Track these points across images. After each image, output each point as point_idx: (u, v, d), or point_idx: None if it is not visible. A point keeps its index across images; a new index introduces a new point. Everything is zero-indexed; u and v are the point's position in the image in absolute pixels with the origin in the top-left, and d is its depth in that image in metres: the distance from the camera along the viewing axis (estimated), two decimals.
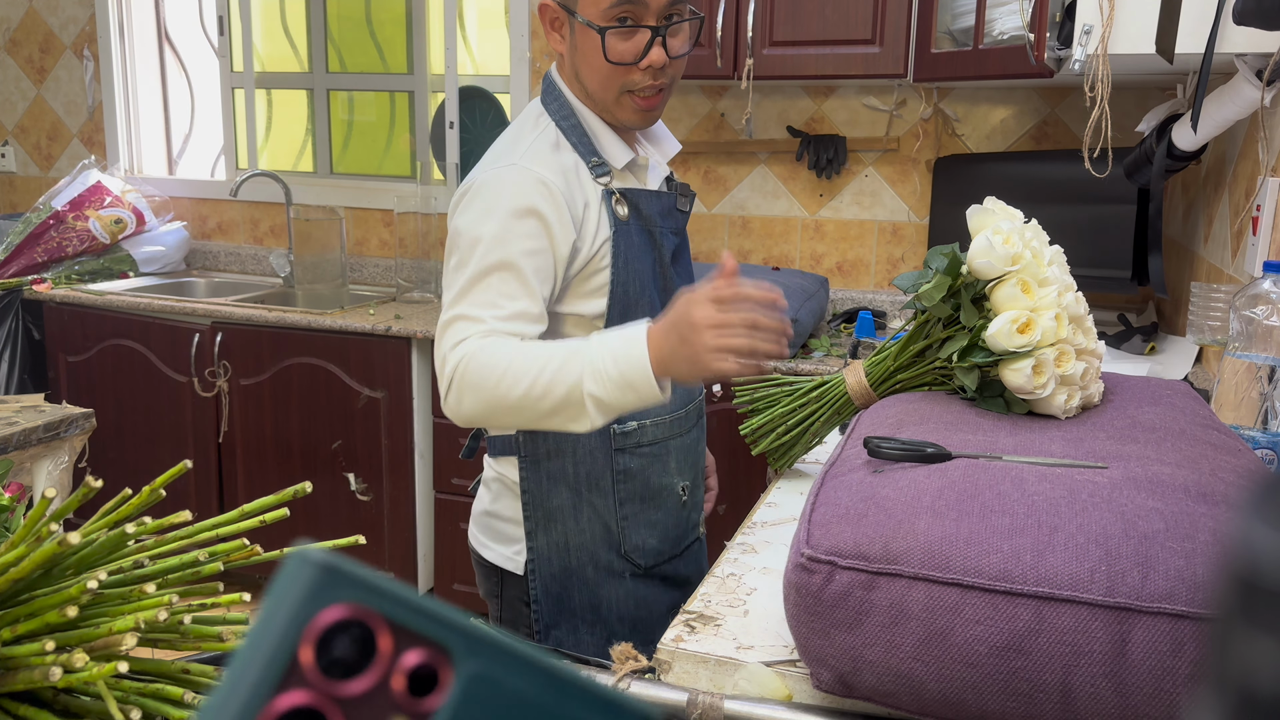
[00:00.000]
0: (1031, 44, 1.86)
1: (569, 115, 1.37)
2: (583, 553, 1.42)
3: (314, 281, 3.30)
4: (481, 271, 1.25)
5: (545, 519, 1.41)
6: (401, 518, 2.91)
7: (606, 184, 1.35)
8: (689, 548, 1.52)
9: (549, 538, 1.42)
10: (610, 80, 1.31)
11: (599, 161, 1.35)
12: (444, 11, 3.29)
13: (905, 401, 1.11)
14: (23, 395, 2.20)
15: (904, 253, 2.93)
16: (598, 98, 1.34)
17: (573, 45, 1.33)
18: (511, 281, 1.25)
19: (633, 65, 1.29)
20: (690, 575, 1.51)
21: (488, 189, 1.29)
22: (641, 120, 1.36)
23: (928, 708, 0.74)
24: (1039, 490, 0.78)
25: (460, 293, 1.26)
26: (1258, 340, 1.18)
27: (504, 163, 1.32)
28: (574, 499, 1.40)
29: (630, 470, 1.40)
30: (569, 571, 1.42)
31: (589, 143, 1.36)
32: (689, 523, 1.51)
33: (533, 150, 1.33)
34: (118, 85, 3.74)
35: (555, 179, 1.29)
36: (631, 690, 0.84)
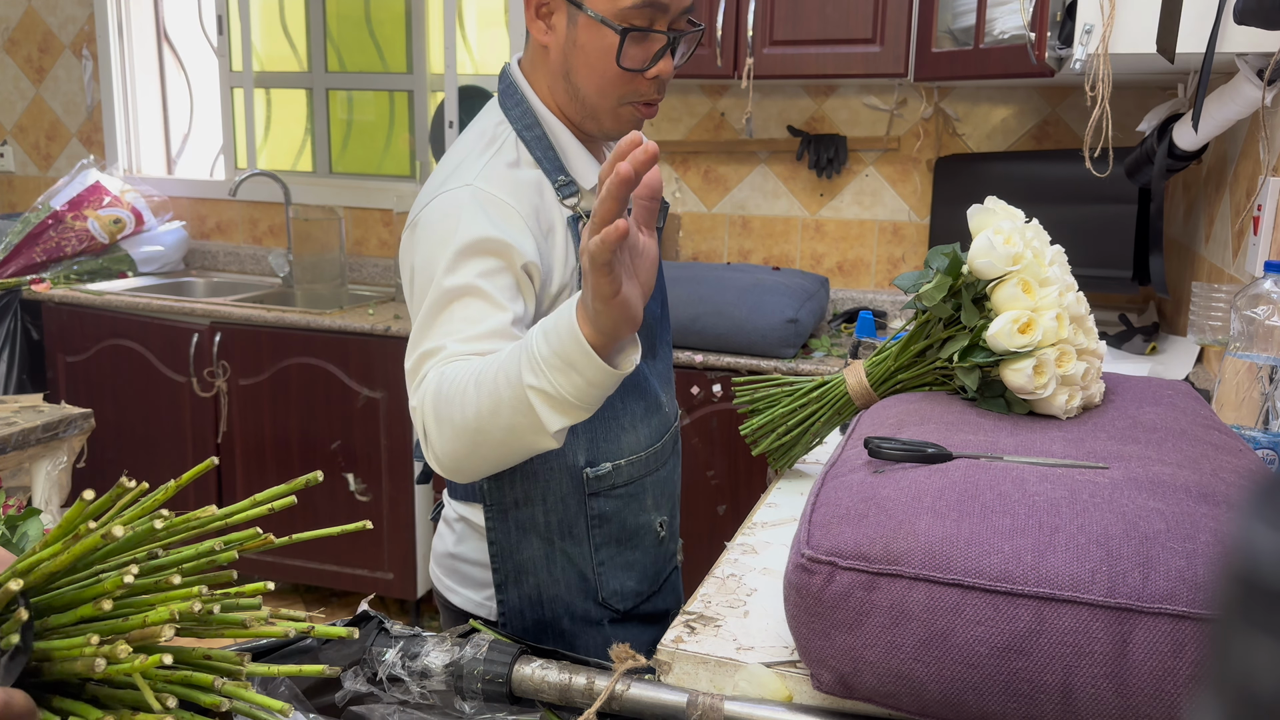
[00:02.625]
0: (1032, 43, 1.86)
1: (533, 125, 1.22)
2: (557, 604, 1.31)
3: (313, 281, 3.30)
4: (439, 304, 1.10)
5: (516, 572, 1.29)
6: (401, 518, 2.91)
7: (574, 206, 1.21)
8: (666, 580, 1.43)
9: (520, 590, 1.30)
10: (613, 86, 1.18)
11: (566, 180, 1.21)
12: (443, 11, 3.29)
13: (905, 402, 1.11)
14: (21, 395, 2.20)
15: (904, 252, 2.93)
16: (590, 103, 1.20)
17: (570, 40, 1.17)
18: (474, 304, 1.09)
19: (639, 73, 1.17)
20: (669, 607, 1.42)
21: (440, 218, 1.14)
22: (630, 130, 1.15)
23: (928, 709, 0.74)
24: (1040, 491, 0.78)
25: (420, 330, 1.11)
26: (1259, 340, 1.17)
27: (456, 184, 1.16)
28: (546, 549, 1.28)
29: (605, 514, 1.29)
30: (543, 625, 1.31)
31: (555, 159, 1.21)
32: (666, 555, 1.41)
33: (488, 169, 1.17)
34: (116, 85, 3.74)
35: (513, 200, 1.15)
36: (631, 691, 0.84)
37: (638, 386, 1.28)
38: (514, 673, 0.87)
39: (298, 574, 3.02)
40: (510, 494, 1.26)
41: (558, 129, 1.23)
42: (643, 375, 1.29)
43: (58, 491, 2.05)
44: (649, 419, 1.30)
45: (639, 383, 1.28)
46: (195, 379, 3.02)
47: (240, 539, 0.72)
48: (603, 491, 1.28)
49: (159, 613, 0.64)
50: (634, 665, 0.85)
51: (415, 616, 3.06)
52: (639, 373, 1.28)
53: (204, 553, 0.71)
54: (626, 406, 1.27)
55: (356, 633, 0.75)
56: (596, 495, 1.27)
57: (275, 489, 0.75)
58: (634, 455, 1.30)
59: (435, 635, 0.92)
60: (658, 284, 1.33)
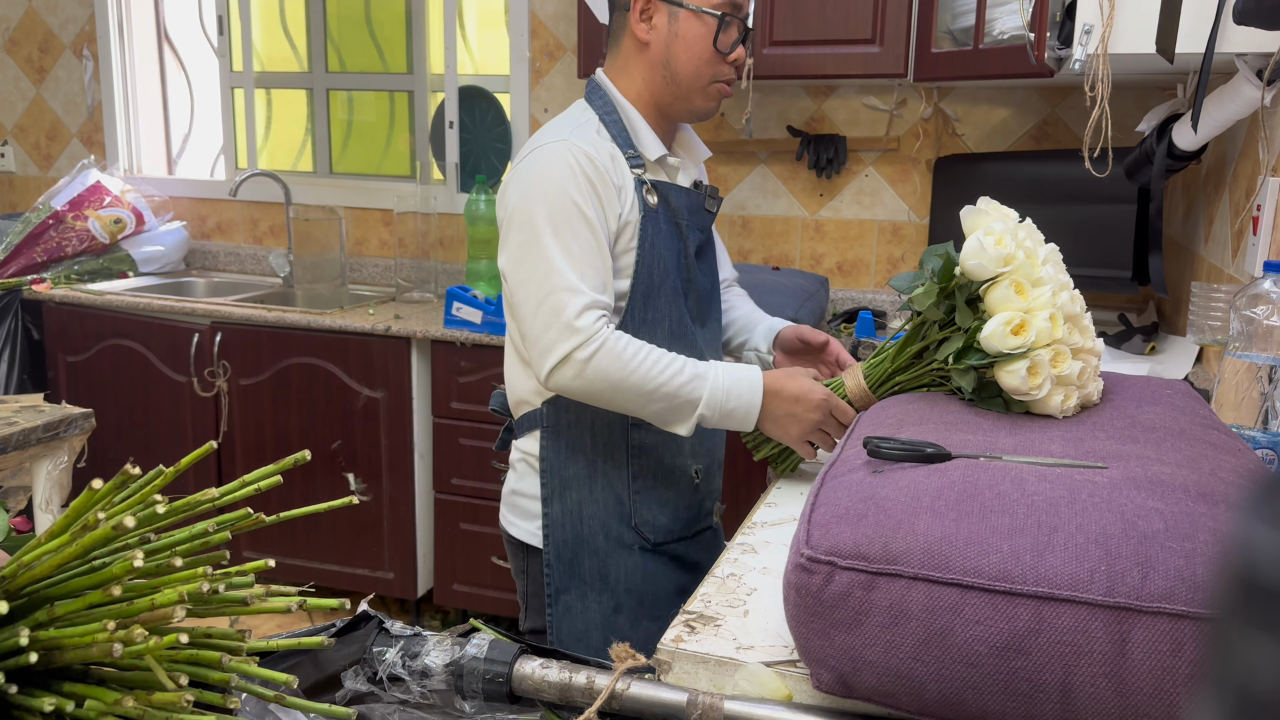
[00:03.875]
0: (1031, 44, 1.86)
1: (611, 110, 1.47)
2: (595, 521, 1.49)
3: (313, 281, 3.30)
4: (553, 230, 1.34)
5: (561, 487, 1.48)
6: (401, 518, 2.91)
7: (640, 174, 1.44)
8: (701, 533, 1.58)
9: (563, 505, 1.49)
10: (707, 67, 1.44)
11: (634, 154, 1.45)
12: (444, 11, 3.29)
13: (905, 402, 1.11)
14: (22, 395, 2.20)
15: (904, 252, 2.93)
16: (685, 85, 1.45)
17: (671, 33, 1.43)
18: (585, 233, 1.35)
19: (725, 55, 1.44)
20: (701, 561, 1.57)
21: (537, 163, 1.38)
22: (716, 107, 1.49)
23: (928, 708, 0.74)
24: (1039, 490, 0.78)
25: (549, 265, 1.34)
26: (1258, 340, 1.18)
27: (550, 138, 1.40)
28: (589, 469, 1.48)
29: (645, 446, 1.48)
30: (580, 539, 1.49)
31: (626, 136, 1.46)
32: (701, 508, 1.56)
33: (578, 132, 1.42)
34: (117, 85, 3.74)
35: (598, 155, 1.39)
36: (631, 690, 0.84)
37: (685, 339, 1.48)
38: (514, 672, 0.87)
39: (298, 573, 3.02)
40: (565, 418, 1.47)
41: (632, 114, 1.47)
42: (691, 332, 1.49)
43: (58, 491, 2.05)
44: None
45: (687, 336, 1.48)
46: (196, 379, 3.02)
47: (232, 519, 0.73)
48: (644, 425, 1.46)
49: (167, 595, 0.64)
50: (634, 664, 0.86)
51: (415, 616, 3.06)
52: (688, 328, 1.48)
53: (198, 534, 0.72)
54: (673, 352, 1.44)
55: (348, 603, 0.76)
56: (638, 427, 1.46)
57: (263, 469, 0.76)
58: None
59: (435, 635, 0.92)
60: (711, 262, 1.59)
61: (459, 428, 2.82)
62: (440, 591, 2.96)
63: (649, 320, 1.44)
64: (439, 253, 3.31)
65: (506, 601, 2.84)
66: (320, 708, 0.73)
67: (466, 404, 2.78)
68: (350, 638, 0.93)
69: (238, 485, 0.75)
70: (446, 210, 3.34)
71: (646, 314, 1.43)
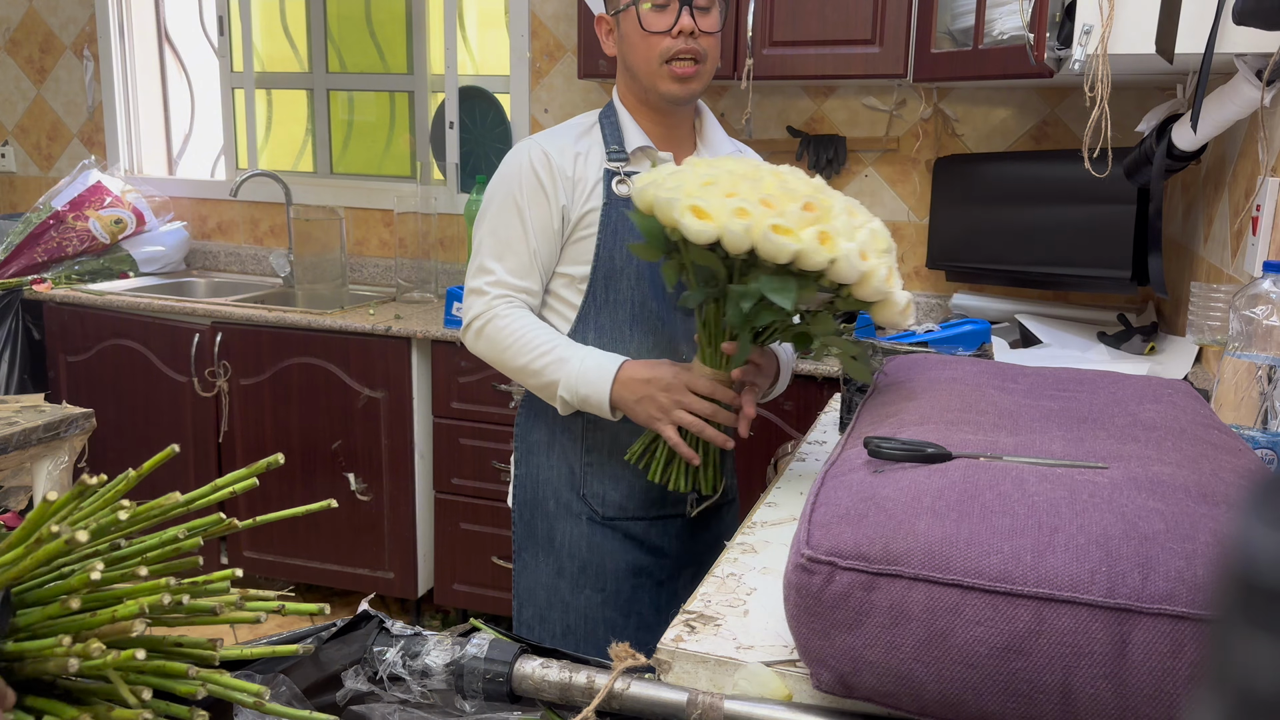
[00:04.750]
0: (1031, 44, 1.86)
1: (611, 113, 1.59)
2: (548, 487, 1.59)
3: (314, 281, 3.30)
4: (491, 225, 1.53)
5: (527, 451, 1.61)
6: (401, 518, 2.91)
7: (619, 166, 1.53)
8: (667, 519, 1.59)
9: (527, 469, 1.61)
10: (650, 51, 1.49)
11: (617, 149, 1.54)
12: (444, 11, 3.29)
13: (905, 400, 1.11)
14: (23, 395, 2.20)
15: (903, 252, 2.93)
16: (643, 73, 1.51)
17: (620, 38, 1.53)
18: (515, 223, 1.50)
19: (666, 34, 1.47)
20: (666, 547, 1.60)
21: (505, 161, 1.56)
22: (680, 89, 1.50)
23: (928, 708, 0.74)
24: (1039, 491, 0.78)
25: (479, 244, 1.54)
26: (1257, 340, 1.18)
27: (528, 138, 1.57)
28: (549, 437, 1.58)
29: (599, 422, 1.53)
30: (536, 501, 1.60)
31: (617, 133, 1.56)
32: (667, 495, 1.56)
33: (555, 131, 1.57)
34: (118, 85, 3.74)
35: (556, 154, 1.51)
36: (631, 690, 0.84)
37: (651, 325, 1.53)
38: (514, 671, 0.87)
39: (299, 573, 3.02)
40: None
41: (622, 113, 1.57)
42: (658, 318, 1.53)
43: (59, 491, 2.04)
44: (654, 356, 1.50)
45: (653, 322, 1.53)
46: (196, 379, 3.02)
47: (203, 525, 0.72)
48: None
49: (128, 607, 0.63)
50: (633, 664, 0.86)
51: (416, 616, 3.06)
52: (654, 314, 1.53)
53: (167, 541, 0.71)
54: (634, 336, 1.52)
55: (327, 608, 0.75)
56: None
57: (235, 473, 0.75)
58: None
59: (436, 634, 0.92)
60: None
61: (459, 428, 2.82)
62: (440, 591, 2.96)
63: (610, 302, 1.52)
64: (439, 253, 3.31)
65: (506, 601, 2.84)
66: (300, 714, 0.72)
67: (467, 404, 2.78)
68: (350, 637, 0.93)
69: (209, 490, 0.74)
70: (447, 210, 3.35)
71: (609, 295, 1.52)
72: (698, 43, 1.49)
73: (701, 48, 1.50)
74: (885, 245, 1.23)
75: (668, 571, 1.61)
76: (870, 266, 1.16)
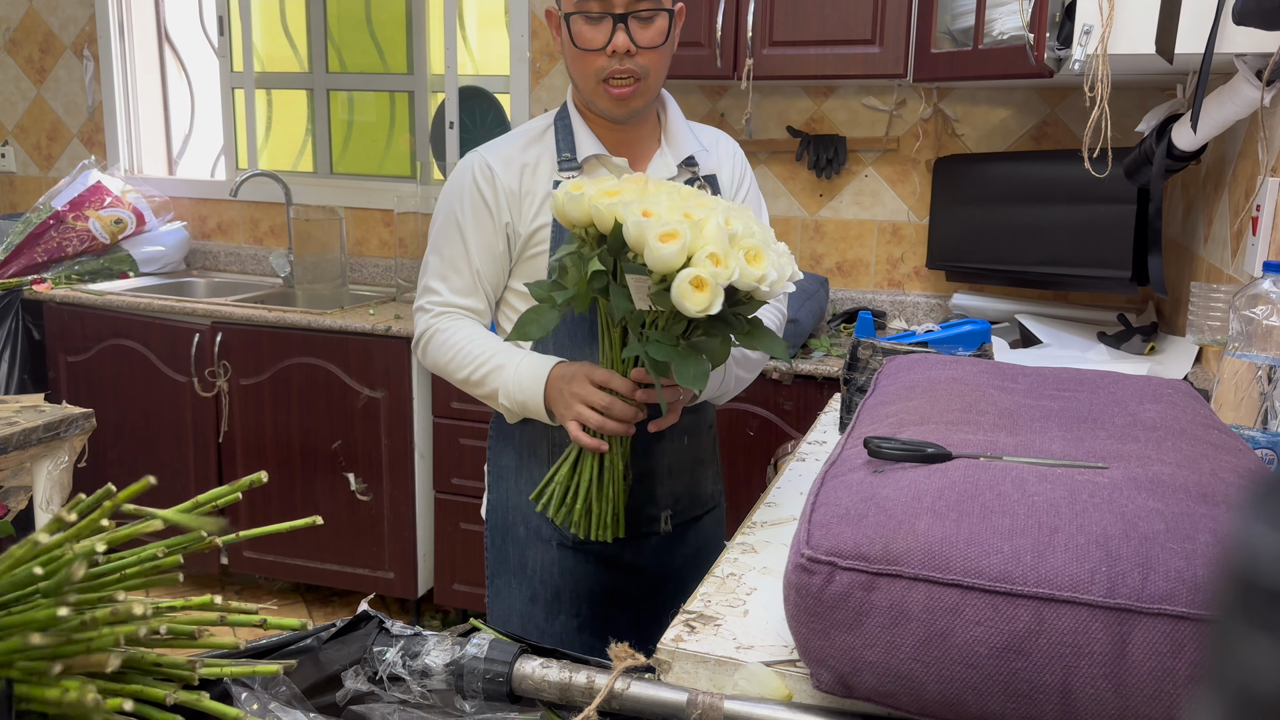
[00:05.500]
0: (1031, 44, 1.86)
1: (565, 117, 1.50)
2: (517, 512, 1.53)
3: (314, 281, 3.30)
4: (435, 242, 1.49)
5: (497, 475, 1.56)
6: (401, 518, 2.91)
7: (569, 176, 1.44)
8: (643, 538, 1.53)
9: (497, 493, 1.56)
10: (585, 67, 1.40)
11: (569, 157, 1.46)
12: (444, 11, 3.29)
13: (905, 400, 1.11)
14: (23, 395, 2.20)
15: (904, 252, 2.93)
16: (582, 88, 1.43)
17: (563, 42, 1.43)
18: (457, 240, 1.46)
19: (600, 51, 1.38)
20: (645, 565, 1.54)
21: (451, 174, 1.50)
22: (617, 108, 1.42)
23: (928, 708, 0.74)
24: (1039, 491, 0.78)
25: (425, 263, 1.51)
26: (1257, 340, 1.18)
27: (475, 149, 1.50)
28: (517, 460, 1.53)
29: (565, 443, 1.44)
30: (507, 527, 1.55)
31: (569, 139, 1.48)
32: (639, 514, 1.50)
33: (506, 139, 1.50)
34: (118, 85, 3.74)
35: (501, 167, 1.45)
36: (631, 690, 0.84)
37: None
38: (514, 672, 0.87)
39: (298, 573, 3.02)
40: None
41: (575, 119, 1.49)
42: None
43: (59, 491, 2.05)
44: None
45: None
46: (196, 379, 3.02)
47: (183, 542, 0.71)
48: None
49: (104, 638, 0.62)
50: (634, 664, 0.86)
51: (416, 616, 3.06)
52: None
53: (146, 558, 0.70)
54: (595, 352, 1.43)
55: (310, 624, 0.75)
56: (559, 426, 1.42)
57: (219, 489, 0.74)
58: None
59: (436, 634, 0.92)
60: None
61: (459, 428, 2.82)
62: (440, 591, 2.96)
63: (569, 318, 1.45)
64: None
65: None
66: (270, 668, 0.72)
67: (466, 404, 2.78)
68: (350, 638, 0.93)
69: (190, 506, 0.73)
70: None
71: (568, 312, 1.44)
72: (635, 61, 1.38)
73: (640, 66, 1.39)
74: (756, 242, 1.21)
75: (646, 590, 1.55)
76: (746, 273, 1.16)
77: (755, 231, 1.21)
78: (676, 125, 1.54)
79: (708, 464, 1.60)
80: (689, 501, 1.58)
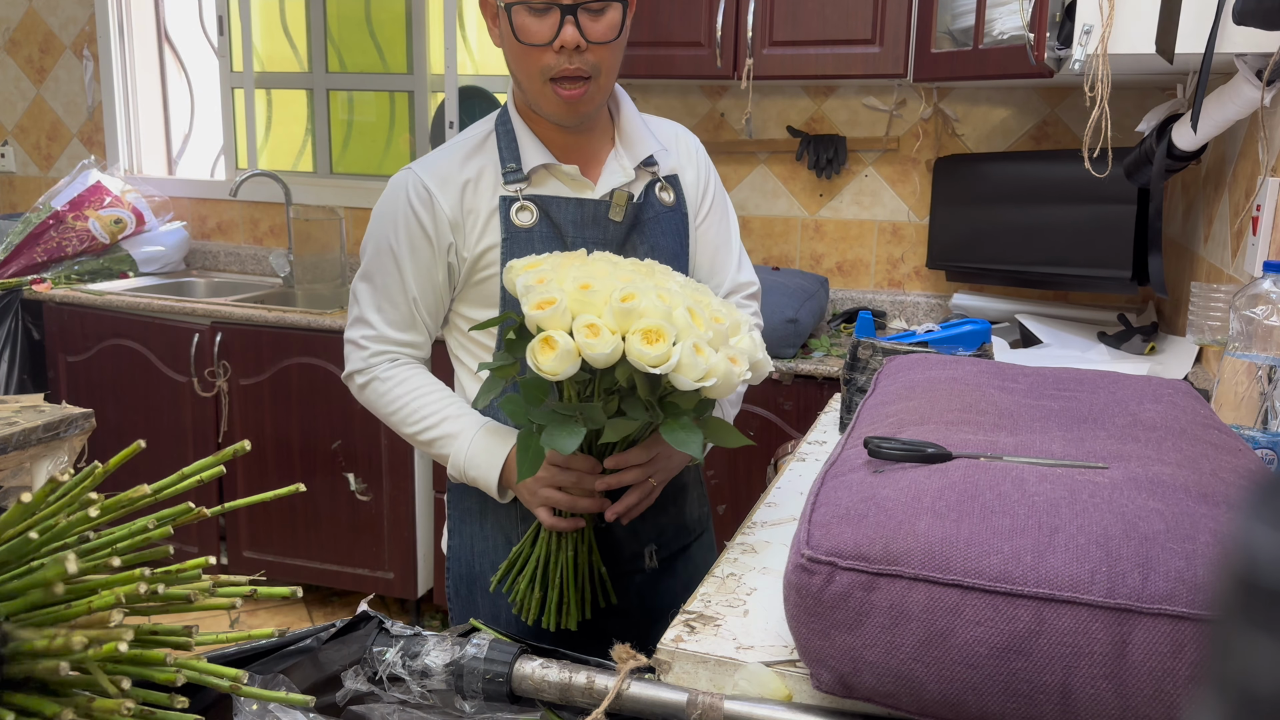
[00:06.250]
0: (1031, 44, 1.86)
1: (505, 121, 1.36)
2: (484, 560, 1.40)
3: (314, 281, 3.30)
4: (367, 269, 1.36)
5: (460, 519, 1.43)
6: (401, 518, 2.91)
7: (517, 191, 1.32)
8: (624, 575, 1.40)
9: (460, 538, 1.43)
10: (529, 65, 1.26)
11: (514, 168, 1.33)
12: (444, 11, 3.29)
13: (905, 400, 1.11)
14: (22, 395, 2.20)
15: (904, 252, 2.93)
16: (526, 89, 1.29)
17: (502, 35, 1.29)
18: (392, 270, 1.34)
19: (546, 47, 1.23)
20: (626, 606, 1.39)
21: (385, 192, 1.36)
22: (565, 112, 1.29)
23: (928, 709, 0.74)
24: (1039, 491, 0.78)
25: (355, 291, 1.39)
26: (1258, 340, 1.18)
27: (409, 165, 1.36)
28: (480, 504, 1.39)
29: None
30: (473, 577, 1.41)
31: (514, 148, 1.34)
32: (621, 552, 1.39)
33: (442, 152, 1.36)
34: (117, 85, 3.74)
35: (439, 187, 1.31)
36: (631, 690, 0.84)
37: None
38: (514, 672, 0.87)
39: (298, 573, 3.02)
40: None
41: (518, 124, 1.35)
42: None
43: None
44: None
45: None
46: (196, 379, 3.02)
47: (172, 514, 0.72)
48: None
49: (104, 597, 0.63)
50: (635, 664, 0.86)
51: (416, 616, 3.06)
52: None
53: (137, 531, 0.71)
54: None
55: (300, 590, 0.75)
56: None
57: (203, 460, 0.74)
58: None
59: (436, 635, 0.92)
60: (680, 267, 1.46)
61: None
62: (440, 591, 2.96)
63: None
64: None
65: None
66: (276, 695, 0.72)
67: None
68: (350, 638, 0.93)
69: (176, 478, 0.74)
70: None
71: None
72: (585, 58, 1.24)
73: (591, 62, 1.25)
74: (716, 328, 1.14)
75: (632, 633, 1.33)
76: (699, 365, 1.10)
77: (702, 319, 1.13)
78: (631, 123, 1.38)
79: (691, 488, 1.48)
80: (674, 531, 1.45)
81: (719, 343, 1.14)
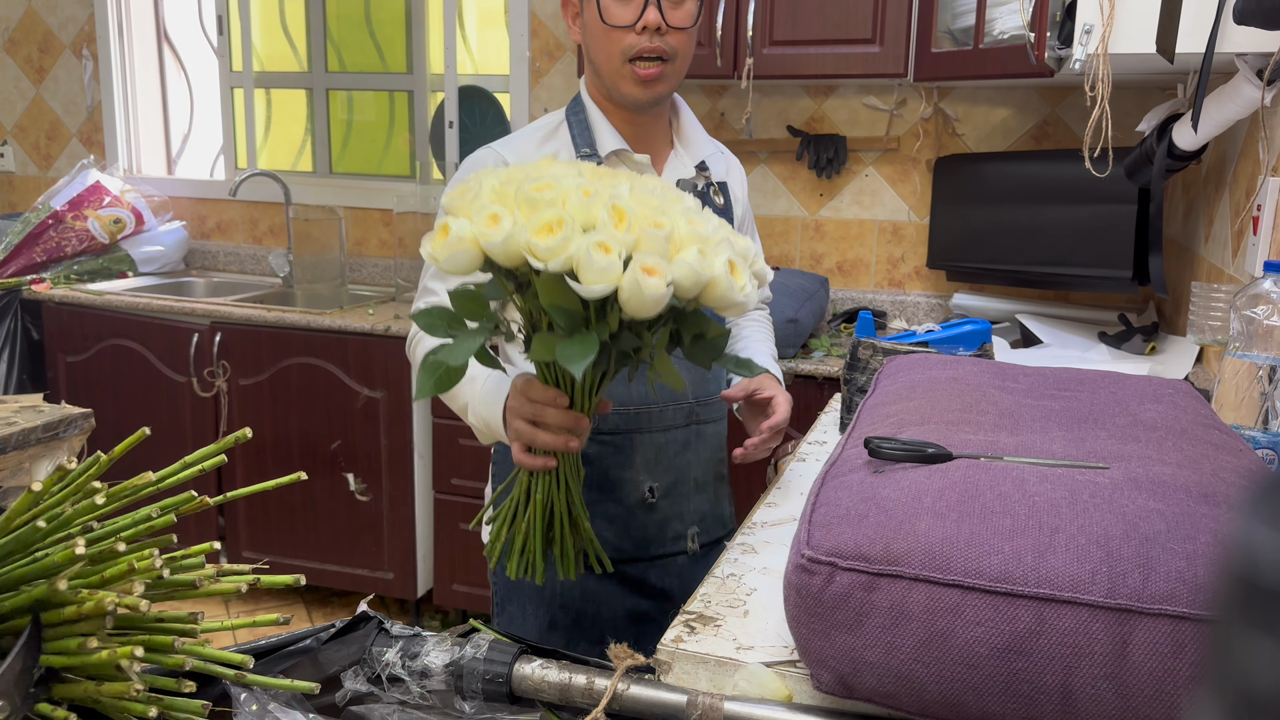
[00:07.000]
0: (1032, 43, 1.86)
1: (579, 111, 1.43)
2: None
3: (313, 281, 3.30)
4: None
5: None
6: (401, 518, 2.91)
7: None
8: (669, 557, 1.45)
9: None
10: (611, 47, 1.34)
11: (589, 152, 1.40)
12: (443, 11, 3.29)
13: (905, 400, 1.11)
14: (21, 395, 2.20)
15: (904, 252, 2.93)
16: (604, 71, 1.37)
17: (584, 27, 1.38)
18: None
19: (630, 29, 1.32)
20: (671, 588, 1.45)
21: (460, 169, 1.41)
22: (642, 91, 1.35)
23: (928, 709, 0.74)
24: (1040, 491, 0.78)
25: (424, 271, 1.44)
26: (1258, 340, 1.17)
27: (487, 145, 1.42)
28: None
29: (587, 455, 1.34)
30: None
31: (587, 134, 1.41)
32: (665, 531, 1.44)
33: (518, 137, 1.43)
34: (117, 85, 3.73)
35: (517, 161, 1.35)
36: (631, 691, 0.84)
37: None
38: (514, 672, 0.87)
39: (298, 573, 3.02)
40: None
41: (592, 111, 1.43)
42: None
43: None
44: (642, 377, 1.26)
45: None
46: (195, 379, 3.02)
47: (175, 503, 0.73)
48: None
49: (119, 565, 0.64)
50: (634, 664, 0.85)
51: (415, 616, 3.06)
52: None
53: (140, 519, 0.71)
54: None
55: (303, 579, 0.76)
56: None
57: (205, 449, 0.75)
58: (620, 407, 1.38)
59: (435, 635, 0.92)
60: None
61: (459, 428, 2.81)
62: (440, 591, 2.96)
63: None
64: None
65: None
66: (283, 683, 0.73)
67: None
68: (349, 638, 0.92)
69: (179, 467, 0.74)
70: None
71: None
72: (665, 40, 1.33)
73: (670, 46, 1.34)
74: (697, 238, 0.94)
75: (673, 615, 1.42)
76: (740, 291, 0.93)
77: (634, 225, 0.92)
78: (690, 127, 1.50)
79: (725, 482, 1.55)
80: (713, 520, 1.53)
81: (657, 250, 0.91)
